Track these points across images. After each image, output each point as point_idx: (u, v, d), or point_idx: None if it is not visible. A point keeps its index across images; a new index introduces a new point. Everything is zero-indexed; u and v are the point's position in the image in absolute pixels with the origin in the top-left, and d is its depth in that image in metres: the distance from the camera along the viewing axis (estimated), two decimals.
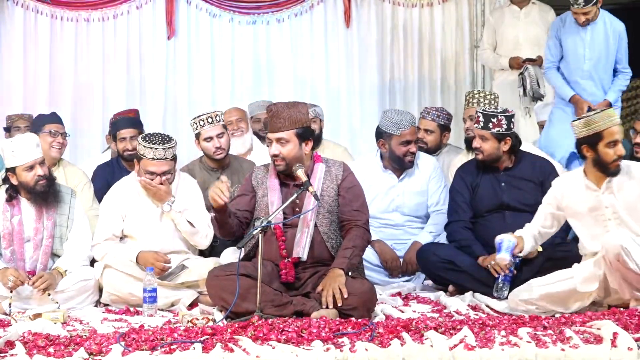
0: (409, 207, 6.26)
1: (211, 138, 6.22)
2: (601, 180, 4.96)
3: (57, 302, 5.11)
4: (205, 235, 5.70)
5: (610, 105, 6.49)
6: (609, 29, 6.76)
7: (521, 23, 7.77)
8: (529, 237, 5.16)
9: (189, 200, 5.73)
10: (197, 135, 6.28)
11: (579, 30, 6.70)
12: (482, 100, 6.70)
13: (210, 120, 6.24)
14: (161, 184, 5.59)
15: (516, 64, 7.57)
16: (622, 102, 7.11)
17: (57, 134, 6.25)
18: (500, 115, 5.62)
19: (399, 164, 6.20)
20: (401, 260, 6.07)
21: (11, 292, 5.08)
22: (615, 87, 6.82)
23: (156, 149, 5.55)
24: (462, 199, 5.78)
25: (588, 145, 4.93)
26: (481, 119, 5.66)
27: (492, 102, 6.69)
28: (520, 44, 7.71)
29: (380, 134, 6.23)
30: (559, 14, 7.31)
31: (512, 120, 5.67)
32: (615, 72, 6.83)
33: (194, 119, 6.32)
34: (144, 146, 5.57)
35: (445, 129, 6.91)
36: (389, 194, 6.24)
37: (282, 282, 4.90)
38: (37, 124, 6.42)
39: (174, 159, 5.66)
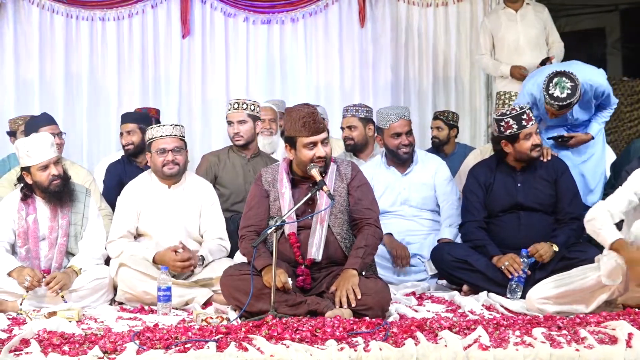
0: (415, 200, 6.31)
1: (232, 123, 6.33)
2: None
3: (66, 301, 5.12)
4: (220, 252, 5.71)
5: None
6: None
7: (519, 25, 7.60)
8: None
9: (203, 206, 5.75)
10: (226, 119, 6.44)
11: None
12: (514, 100, 6.65)
13: (236, 105, 6.35)
14: (175, 162, 5.61)
15: (518, 73, 7.36)
16: (627, 106, 6.95)
17: (53, 135, 5.98)
18: (527, 110, 5.58)
19: (396, 158, 6.28)
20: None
21: (27, 291, 5.11)
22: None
23: (164, 126, 5.70)
24: (476, 198, 5.76)
25: None
26: (512, 122, 5.55)
27: None
28: (521, 47, 7.54)
29: (377, 130, 6.42)
30: (553, 14, 7.19)
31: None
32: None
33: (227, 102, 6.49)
34: (151, 129, 5.72)
35: (368, 121, 6.85)
36: (395, 188, 6.29)
37: (298, 286, 4.89)
38: (31, 128, 6.24)
39: (183, 139, 5.72)
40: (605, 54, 11.36)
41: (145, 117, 7.03)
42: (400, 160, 6.28)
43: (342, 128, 6.83)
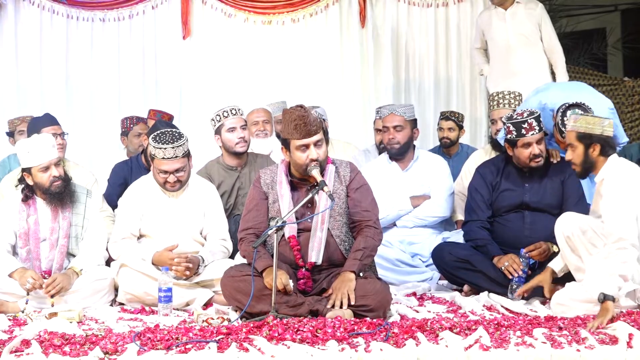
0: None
1: (234, 129, 6.18)
2: None
3: (53, 302, 5.09)
4: (222, 253, 5.70)
5: None
6: None
7: (508, 25, 7.53)
8: None
9: (206, 207, 5.73)
10: (219, 129, 6.22)
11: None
12: (511, 101, 6.59)
13: (233, 112, 6.22)
14: (177, 181, 5.56)
15: None
16: (627, 106, 6.82)
17: (55, 136, 6.02)
18: (531, 119, 5.48)
19: (389, 153, 6.44)
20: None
21: (28, 293, 5.10)
22: None
23: (165, 148, 5.49)
24: (481, 198, 5.74)
25: None
26: (512, 129, 5.47)
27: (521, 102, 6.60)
28: (512, 46, 7.49)
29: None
30: (553, 14, 7.11)
31: None
32: None
33: (215, 113, 6.26)
34: (154, 146, 5.53)
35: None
36: (395, 184, 6.38)
37: (299, 289, 4.88)
38: (33, 128, 6.19)
39: (185, 155, 5.57)
40: (605, 54, 11.35)
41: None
42: (390, 154, 6.42)
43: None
